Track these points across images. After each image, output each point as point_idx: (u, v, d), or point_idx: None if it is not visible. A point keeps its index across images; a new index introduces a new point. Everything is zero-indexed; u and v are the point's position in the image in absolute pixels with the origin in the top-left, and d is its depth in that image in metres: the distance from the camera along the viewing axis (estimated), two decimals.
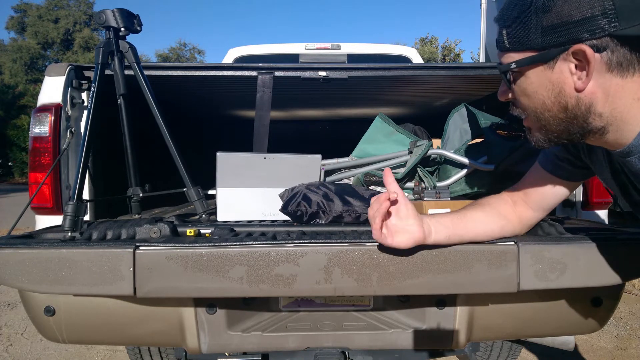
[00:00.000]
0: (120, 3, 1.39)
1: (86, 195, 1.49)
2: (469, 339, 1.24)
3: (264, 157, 1.39)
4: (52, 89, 1.48)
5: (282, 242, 1.00)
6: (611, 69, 0.69)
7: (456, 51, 21.37)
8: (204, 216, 1.42)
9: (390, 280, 1.00)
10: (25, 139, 16.77)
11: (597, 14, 0.66)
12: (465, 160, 1.59)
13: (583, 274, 1.01)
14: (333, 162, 1.88)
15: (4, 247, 0.98)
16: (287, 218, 1.35)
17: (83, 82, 1.55)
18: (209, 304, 1.19)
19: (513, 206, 1.07)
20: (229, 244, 1.00)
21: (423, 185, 1.65)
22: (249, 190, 1.40)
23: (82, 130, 1.51)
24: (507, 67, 0.78)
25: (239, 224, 1.29)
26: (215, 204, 1.41)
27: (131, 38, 1.47)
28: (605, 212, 1.61)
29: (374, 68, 1.69)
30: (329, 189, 1.33)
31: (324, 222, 1.28)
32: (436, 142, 1.84)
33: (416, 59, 3.68)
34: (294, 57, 3.53)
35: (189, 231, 1.14)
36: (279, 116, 2.77)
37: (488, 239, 1.03)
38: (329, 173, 1.85)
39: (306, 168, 1.42)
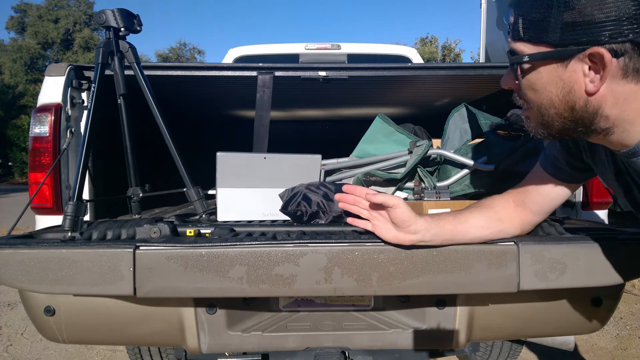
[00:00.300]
0: (120, 3, 1.39)
1: (86, 195, 1.49)
2: (469, 339, 1.24)
3: (264, 157, 1.39)
4: (52, 89, 1.48)
5: (282, 242, 1.00)
6: (626, 75, 0.67)
7: (456, 51, 21.38)
8: (204, 216, 1.41)
9: (390, 280, 1.00)
10: (25, 139, 16.77)
11: (623, 18, 0.64)
12: (465, 160, 1.59)
13: (583, 274, 1.01)
14: (333, 162, 1.88)
15: (4, 247, 0.98)
16: (287, 218, 1.35)
17: (83, 82, 1.55)
18: (209, 304, 1.19)
19: (515, 209, 1.06)
20: (229, 244, 1.00)
21: (423, 185, 1.65)
22: (249, 190, 1.40)
23: (82, 130, 1.51)
24: (520, 59, 0.74)
25: (239, 224, 1.29)
26: (215, 204, 1.41)
27: (131, 38, 1.47)
28: (605, 212, 1.61)
29: (374, 68, 1.69)
30: (329, 189, 1.33)
31: (324, 222, 1.27)
32: (436, 142, 1.84)
33: (416, 59, 3.68)
34: (294, 57, 3.53)
35: (189, 231, 1.14)
36: (279, 116, 2.76)
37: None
38: (329, 173, 1.85)
39: (306, 168, 1.42)
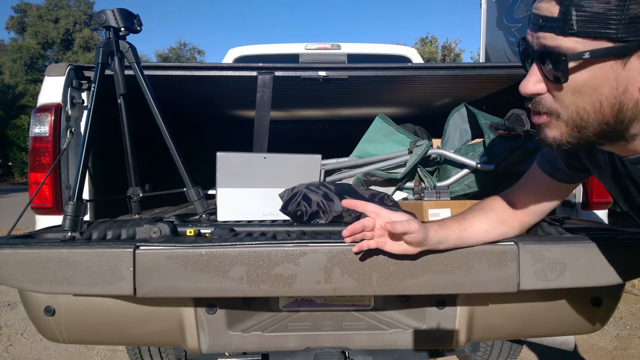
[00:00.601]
0: (120, 3, 1.39)
1: (86, 195, 1.49)
2: (469, 339, 1.24)
3: (264, 157, 1.39)
4: (52, 89, 1.48)
5: (282, 242, 1.00)
6: None
7: (456, 51, 21.38)
8: (204, 216, 1.41)
9: (390, 280, 1.00)
10: (25, 139, 16.77)
11: None
12: (465, 160, 1.59)
13: (583, 273, 1.01)
14: (333, 162, 1.88)
15: (4, 247, 0.98)
16: (287, 218, 1.35)
17: (83, 82, 1.55)
18: (209, 304, 1.19)
19: (514, 210, 1.06)
20: (229, 244, 1.00)
21: (423, 185, 1.65)
22: (249, 190, 1.40)
23: (82, 130, 1.51)
24: (580, 56, 0.62)
25: (239, 224, 1.29)
26: (215, 204, 1.41)
27: (131, 38, 1.47)
28: (605, 212, 1.61)
29: (374, 68, 1.69)
30: (329, 189, 1.33)
31: (324, 222, 1.27)
32: (436, 142, 1.84)
33: (416, 59, 3.68)
34: (294, 57, 3.53)
35: (189, 231, 1.14)
36: (279, 116, 2.76)
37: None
38: (329, 173, 1.85)
39: (306, 168, 1.42)
